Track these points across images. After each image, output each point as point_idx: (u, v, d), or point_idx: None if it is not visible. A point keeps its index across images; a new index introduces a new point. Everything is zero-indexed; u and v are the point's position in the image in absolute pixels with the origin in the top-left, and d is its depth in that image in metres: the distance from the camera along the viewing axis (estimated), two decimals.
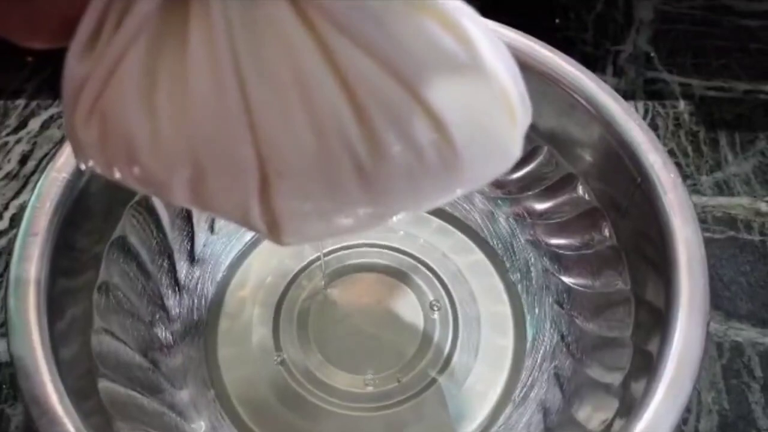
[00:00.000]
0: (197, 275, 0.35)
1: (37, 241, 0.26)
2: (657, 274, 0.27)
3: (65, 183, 0.27)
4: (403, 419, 0.32)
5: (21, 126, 0.41)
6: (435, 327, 0.35)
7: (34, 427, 0.22)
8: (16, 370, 0.23)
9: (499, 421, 0.32)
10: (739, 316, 0.35)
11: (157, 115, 0.13)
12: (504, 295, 0.36)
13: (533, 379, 0.32)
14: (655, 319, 0.26)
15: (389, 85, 0.13)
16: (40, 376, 0.23)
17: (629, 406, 0.25)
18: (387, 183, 0.13)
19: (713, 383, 0.32)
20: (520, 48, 0.30)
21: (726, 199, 0.39)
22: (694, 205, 0.26)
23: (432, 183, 0.14)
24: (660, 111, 0.43)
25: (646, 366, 0.25)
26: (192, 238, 0.35)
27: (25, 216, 0.26)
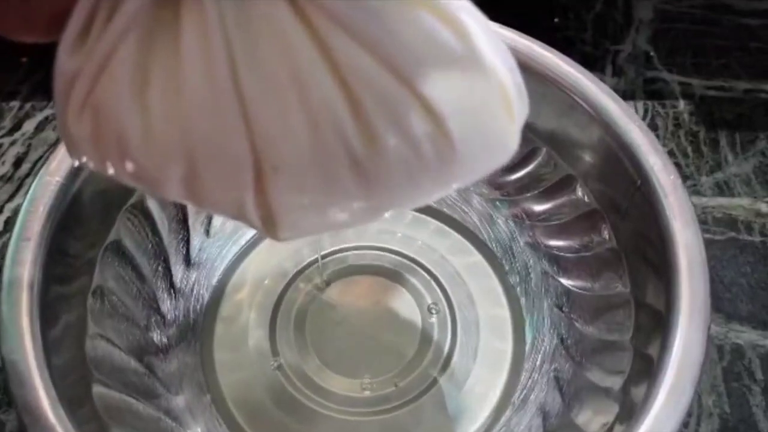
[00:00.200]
0: (193, 279, 0.35)
1: (30, 246, 0.25)
2: (657, 277, 0.26)
3: (59, 187, 0.26)
4: (402, 423, 0.32)
5: (15, 128, 0.41)
6: (433, 330, 0.34)
7: None
8: (8, 376, 0.23)
9: (498, 425, 0.31)
10: (740, 318, 0.34)
11: (150, 110, 0.13)
12: (503, 298, 0.35)
13: (533, 383, 0.32)
14: (656, 323, 0.25)
15: (385, 79, 0.12)
16: (33, 384, 0.23)
17: (630, 411, 0.24)
18: (383, 177, 0.13)
19: (714, 386, 0.32)
20: (519, 49, 0.29)
21: (726, 199, 0.39)
22: (694, 206, 0.26)
23: (428, 176, 0.14)
24: (660, 111, 0.43)
25: (647, 370, 0.25)
26: (188, 242, 0.34)
27: (18, 220, 0.26)
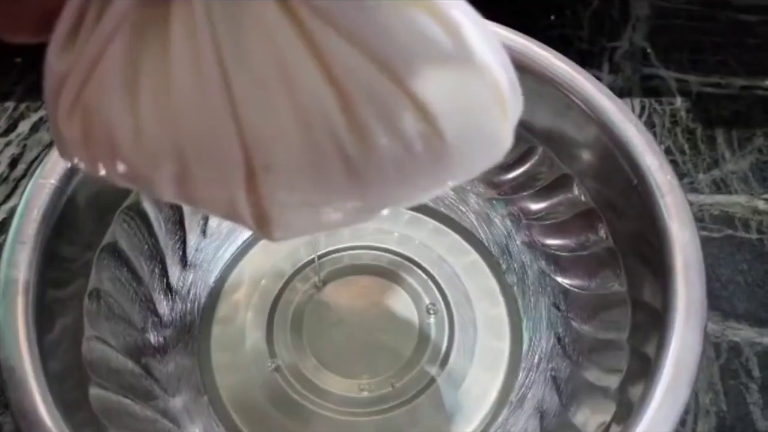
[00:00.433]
0: (189, 280, 0.35)
1: (26, 249, 0.25)
2: (654, 277, 0.26)
3: (53, 190, 0.26)
4: (399, 424, 0.32)
5: (10, 129, 0.41)
6: (430, 330, 0.34)
7: None
8: (4, 381, 0.23)
9: (496, 425, 0.31)
10: (737, 315, 0.34)
11: (140, 110, 0.13)
12: (500, 297, 0.35)
13: (530, 382, 0.32)
14: (652, 322, 0.25)
15: (375, 76, 0.12)
16: (29, 388, 0.23)
17: (627, 410, 0.25)
18: (375, 175, 0.13)
19: (711, 384, 0.32)
20: (515, 47, 0.29)
21: (723, 197, 0.39)
22: (691, 204, 0.26)
23: (421, 174, 0.14)
24: (657, 108, 0.43)
25: (644, 369, 0.25)
26: (184, 243, 0.34)
27: (13, 224, 0.26)
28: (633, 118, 0.28)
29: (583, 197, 0.32)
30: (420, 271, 0.36)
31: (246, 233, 0.37)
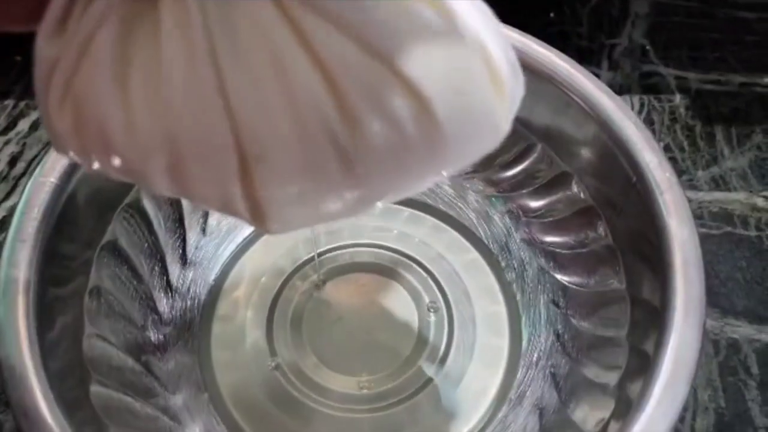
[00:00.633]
0: (189, 278, 0.35)
1: (26, 247, 0.25)
2: (653, 274, 0.26)
3: (53, 188, 0.26)
4: (399, 421, 0.32)
5: (10, 127, 0.41)
6: (430, 327, 0.34)
7: None
8: (4, 379, 0.23)
9: (495, 422, 0.31)
10: (736, 312, 0.34)
11: (131, 102, 0.12)
12: (499, 295, 0.35)
13: (529, 379, 0.32)
14: (651, 319, 0.26)
15: (364, 61, 0.12)
16: (30, 386, 0.23)
17: (626, 407, 0.25)
18: (369, 163, 0.13)
19: (709, 381, 0.32)
20: (514, 45, 0.29)
21: (722, 194, 0.39)
22: (690, 201, 0.26)
23: (416, 160, 0.13)
24: (656, 105, 0.43)
25: (643, 366, 0.25)
26: (184, 240, 0.34)
27: (13, 222, 0.26)
28: (632, 116, 0.28)
29: (582, 195, 0.32)
30: (419, 269, 0.36)
31: (246, 231, 0.37)
